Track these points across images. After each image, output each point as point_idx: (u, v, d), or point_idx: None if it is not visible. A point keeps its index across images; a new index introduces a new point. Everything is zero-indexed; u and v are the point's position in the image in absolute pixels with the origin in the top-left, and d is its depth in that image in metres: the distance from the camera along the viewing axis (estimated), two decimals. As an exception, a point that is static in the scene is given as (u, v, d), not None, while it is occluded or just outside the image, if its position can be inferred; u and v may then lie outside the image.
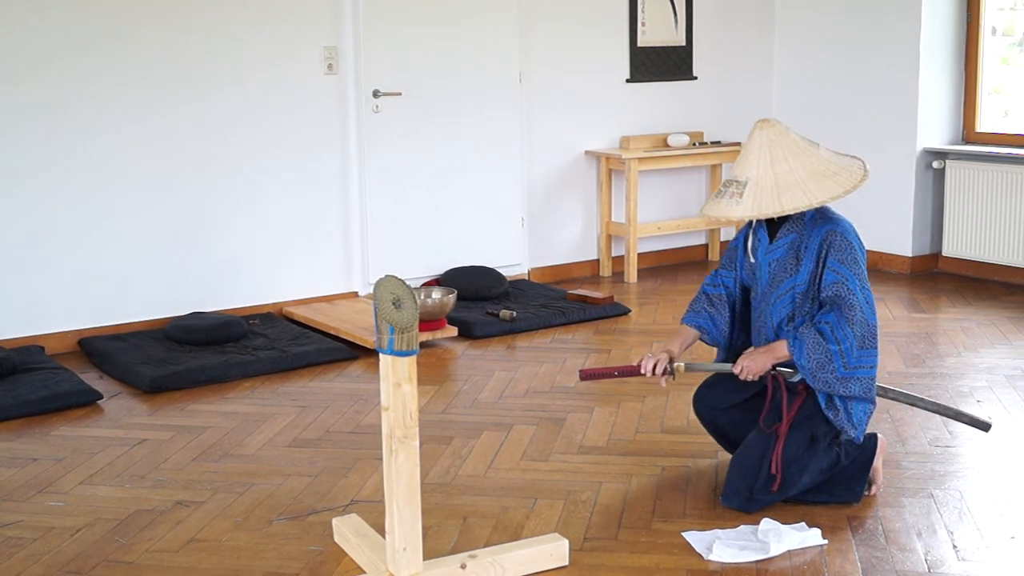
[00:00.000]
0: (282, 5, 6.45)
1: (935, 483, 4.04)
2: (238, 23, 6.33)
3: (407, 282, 3.08)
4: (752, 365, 3.82)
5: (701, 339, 4.11)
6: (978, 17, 7.47)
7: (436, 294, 6.13)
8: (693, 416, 4.30)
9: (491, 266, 7.17)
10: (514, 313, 6.34)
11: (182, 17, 6.17)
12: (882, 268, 7.78)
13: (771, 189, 3.70)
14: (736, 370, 3.85)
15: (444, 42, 7.02)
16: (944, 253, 7.59)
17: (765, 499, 3.79)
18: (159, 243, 6.24)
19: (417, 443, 3.17)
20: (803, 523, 3.67)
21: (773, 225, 3.90)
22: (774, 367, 3.84)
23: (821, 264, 3.76)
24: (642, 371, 3.92)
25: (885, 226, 7.77)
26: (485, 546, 3.55)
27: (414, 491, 3.18)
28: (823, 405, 3.79)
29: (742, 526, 3.66)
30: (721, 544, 3.50)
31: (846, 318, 3.71)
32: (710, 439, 4.27)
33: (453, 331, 6.09)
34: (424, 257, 7.08)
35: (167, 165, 6.22)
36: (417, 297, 3.78)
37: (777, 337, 3.86)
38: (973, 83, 7.58)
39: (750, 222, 3.98)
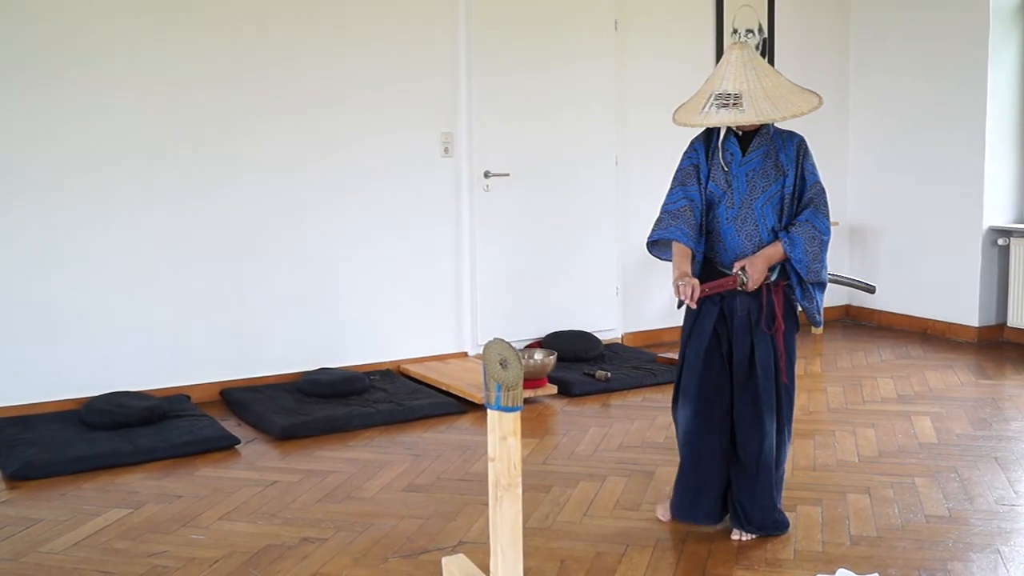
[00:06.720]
0: (408, 97, 6.60)
1: (1001, 539, 3.93)
2: (370, 112, 6.49)
3: (512, 344, 3.11)
4: (758, 275, 3.86)
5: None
6: (1042, 106, 7.37)
7: (538, 355, 6.16)
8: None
9: (588, 330, 7.18)
10: (609, 374, 6.34)
11: (322, 104, 6.34)
12: (950, 337, 7.63)
13: (764, 99, 3.77)
14: (749, 285, 3.85)
15: (548, 129, 7.10)
16: (1009, 324, 7.42)
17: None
18: (292, 305, 6.37)
19: (520, 491, 3.18)
20: (876, 573, 3.60)
21: (741, 141, 3.95)
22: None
23: (800, 168, 3.94)
24: (737, 285, 3.90)
25: (953, 298, 7.63)
26: (580, 586, 3.54)
27: (517, 535, 3.19)
28: (799, 296, 3.92)
29: (819, 575, 3.60)
30: (798, 591, 3.45)
31: (823, 213, 3.91)
32: (793, 491, 4.21)
33: (553, 389, 6.10)
34: (528, 321, 7.12)
35: (300, 235, 6.37)
36: (521, 358, 3.81)
37: (770, 239, 3.91)
38: (1037, 167, 7.46)
39: (705, 139, 4.02)
